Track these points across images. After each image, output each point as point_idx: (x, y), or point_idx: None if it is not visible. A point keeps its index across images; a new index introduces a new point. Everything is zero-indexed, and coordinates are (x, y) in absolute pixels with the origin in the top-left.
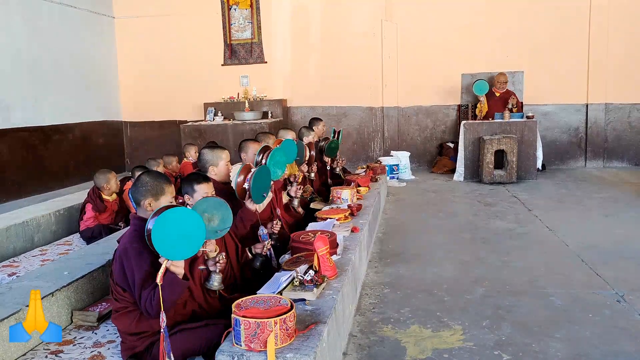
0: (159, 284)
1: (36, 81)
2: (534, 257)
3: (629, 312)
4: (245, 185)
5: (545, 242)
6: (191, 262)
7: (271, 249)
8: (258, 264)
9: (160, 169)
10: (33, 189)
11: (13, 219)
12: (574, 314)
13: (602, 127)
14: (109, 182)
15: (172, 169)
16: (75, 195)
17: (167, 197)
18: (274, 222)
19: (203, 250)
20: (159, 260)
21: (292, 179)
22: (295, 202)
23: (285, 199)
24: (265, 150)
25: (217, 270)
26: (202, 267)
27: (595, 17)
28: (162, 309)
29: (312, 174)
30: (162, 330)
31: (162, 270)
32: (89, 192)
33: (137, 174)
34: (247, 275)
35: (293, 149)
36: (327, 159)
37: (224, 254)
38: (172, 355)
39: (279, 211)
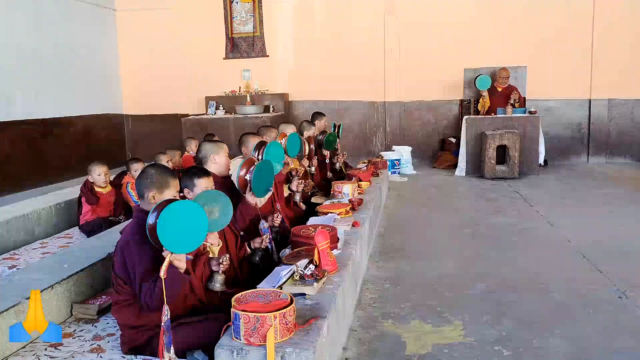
0: (162, 278)
1: (38, 74)
2: (536, 253)
3: (630, 308)
4: (247, 177)
5: (546, 238)
6: (193, 257)
7: (272, 242)
8: (257, 258)
9: (169, 164)
10: (34, 182)
11: (14, 212)
12: (575, 310)
13: (605, 123)
14: (92, 174)
15: (175, 163)
16: (76, 189)
17: (172, 190)
18: (275, 215)
19: (206, 244)
20: (162, 253)
21: (293, 173)
22: (297, 197)
23: (286, 193)
24: (260, 146)
25: (220, 271)
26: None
27: (599, 12)
28: (165, 303)
29: (313, 168)
30: (162, 324)
31: (165, 263)
32: (81, 186)
33: (133, 166)
34: (247, 270)
35: (297, 144)
36: (326, 153)
37: (227, 255)
38: (172, 348)
39: (279, 205)
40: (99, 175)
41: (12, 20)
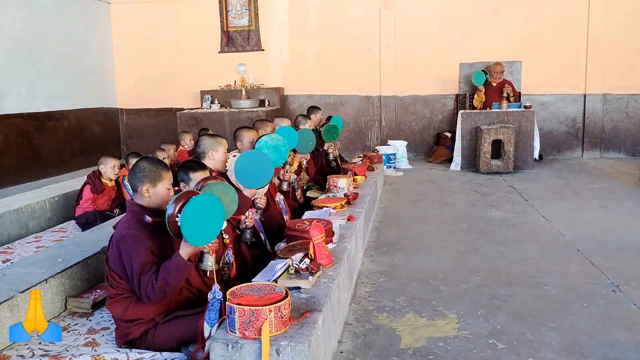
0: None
1: (31, 67)
2: (530, 247)
3: (624, 302)
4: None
5: (541, 232)
6: None
7: (263, 229)
8: (248, 236)
9: (167, 160)
10: (28, 176)
11: (7, 206)
12: (569, 303)
13: (599, 118)
14: (105, 166)
15: (170, 157)
16: (70, 182)
17: (165, 183)
18: (257, 197)
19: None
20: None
21: (287, 162)
22: (284, 185)
23: (275, 182)
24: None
25: (210, 251)
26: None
27: (594, 7)
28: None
29: (305, 162)
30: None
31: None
32: (89, 174)
33: (132, 160)
34: (247, 259)
35: (294, 136)
36: (326, 145)
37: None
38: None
39: (280, 196)
40: (113, 166)
41: (4, 12)
